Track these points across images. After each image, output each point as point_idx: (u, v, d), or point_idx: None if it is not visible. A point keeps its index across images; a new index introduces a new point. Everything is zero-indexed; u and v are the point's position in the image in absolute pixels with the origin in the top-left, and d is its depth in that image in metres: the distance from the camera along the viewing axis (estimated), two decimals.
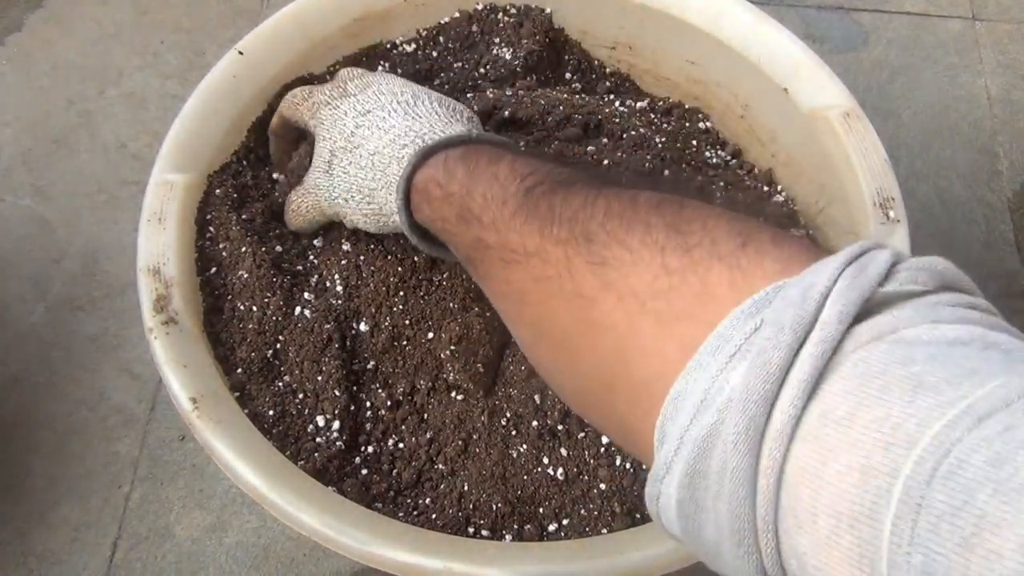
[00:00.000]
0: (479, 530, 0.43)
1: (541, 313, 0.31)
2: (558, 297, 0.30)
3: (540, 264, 0.30)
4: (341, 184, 0.43)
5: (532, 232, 0.31)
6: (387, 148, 0.41)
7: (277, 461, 0.41)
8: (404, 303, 0.46)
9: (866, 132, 0.50)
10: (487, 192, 0.34)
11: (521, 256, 0.32)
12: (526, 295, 0.32)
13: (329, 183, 0.44)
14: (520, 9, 0.60)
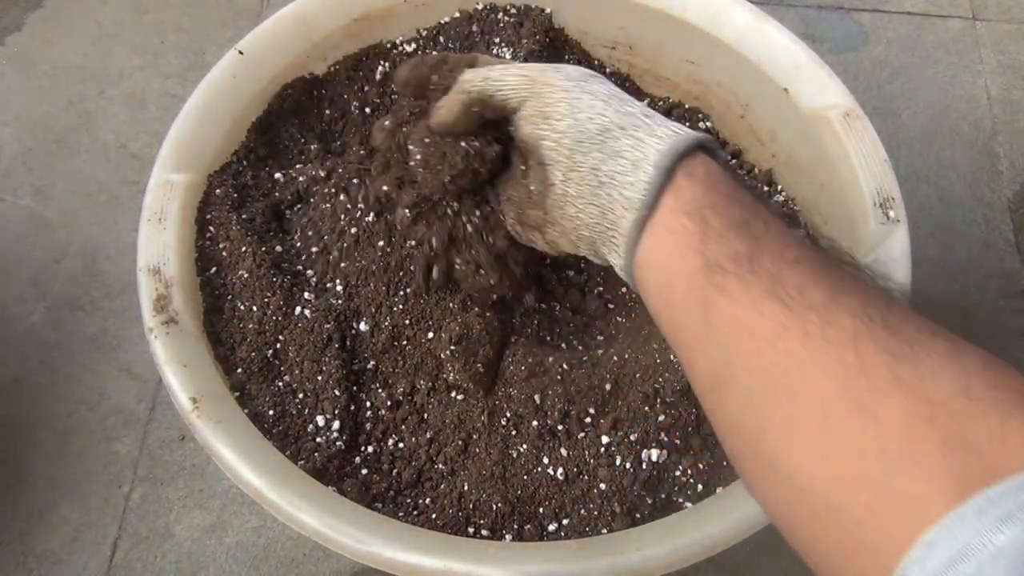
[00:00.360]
0: (479, 530, 0.43)
1: (797, 387, 0.28)
2: (831, 372, 0.27)
3: (819, 327, 0.28)
4: (574, 192, 0.37)
5: (820, 290, 0.29)
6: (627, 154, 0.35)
7: (277, 461, 0.41)
8: (404, 303, 0.46)
9: (866, 132, 0.50)
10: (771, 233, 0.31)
11: (790, 317, 0.29)
12: (780, 366, 0.28)
13: (565, 190, 0.37)
14: (520, 9, 0.60)
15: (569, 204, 0.38)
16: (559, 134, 0.37)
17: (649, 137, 0.35)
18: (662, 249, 0.34)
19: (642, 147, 0.35)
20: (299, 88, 0.56)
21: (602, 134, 0.36)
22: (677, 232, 0.33)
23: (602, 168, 0.36)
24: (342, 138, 0.58)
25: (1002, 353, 0.26)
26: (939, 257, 0.69)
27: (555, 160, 0.38)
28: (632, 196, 0.35)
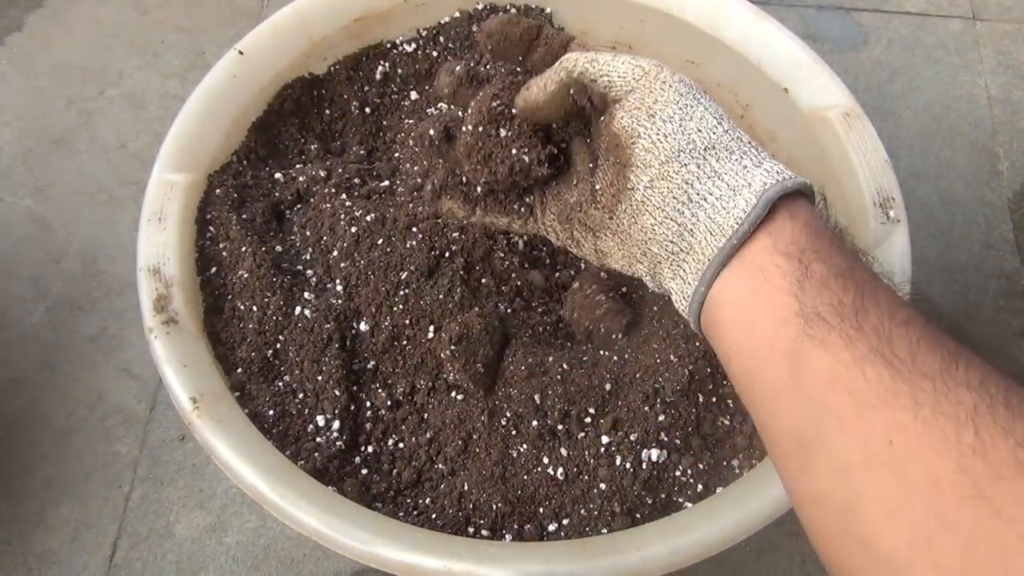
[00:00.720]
0: (479, 530, 0.43)
1: (904, 462, 0.25)
2: (945, 450, 0.24)
3: (933, 398, 0.25)
4: (657, 203, 0.34)
5: (934, 358, 0.26)
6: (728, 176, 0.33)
7: (277, 461, 0.41)
8: (404, 303, 0.46)
9: (866, 132, 0.50)
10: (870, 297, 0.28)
11: (901, 387, 0.25)
12: (885, 435, 0.25)
13: (649, 198, 0.34)
14: (520, 9, 0.60)
15: (647, 214, 0.34)
16: (661, 136, 0.34)
17: (755, 167, 0.33)
18: (748, 288, 0.31)
19: (746, 174, 0.32)
20: (299, 88, 0.56)
21: (707, 150, 0.33)
22: (770, 272, 0.30)
23: (696, 185, 0.33)
24: (342, 138, 0.58)
25: (1002, 353, 0.26)
26: (939, 257, 0.69)
27: (645, 163, 0.34)
28: (723, 223, 0.32)
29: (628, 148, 0.35)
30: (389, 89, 0.59)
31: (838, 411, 0.26)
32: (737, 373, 0.32)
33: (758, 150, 0.34)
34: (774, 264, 0.30)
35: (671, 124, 0.34)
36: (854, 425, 0.26)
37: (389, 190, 0.52)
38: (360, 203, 0.49)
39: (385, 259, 0.46)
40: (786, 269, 0.30)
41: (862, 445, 0.25)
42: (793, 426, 0.28)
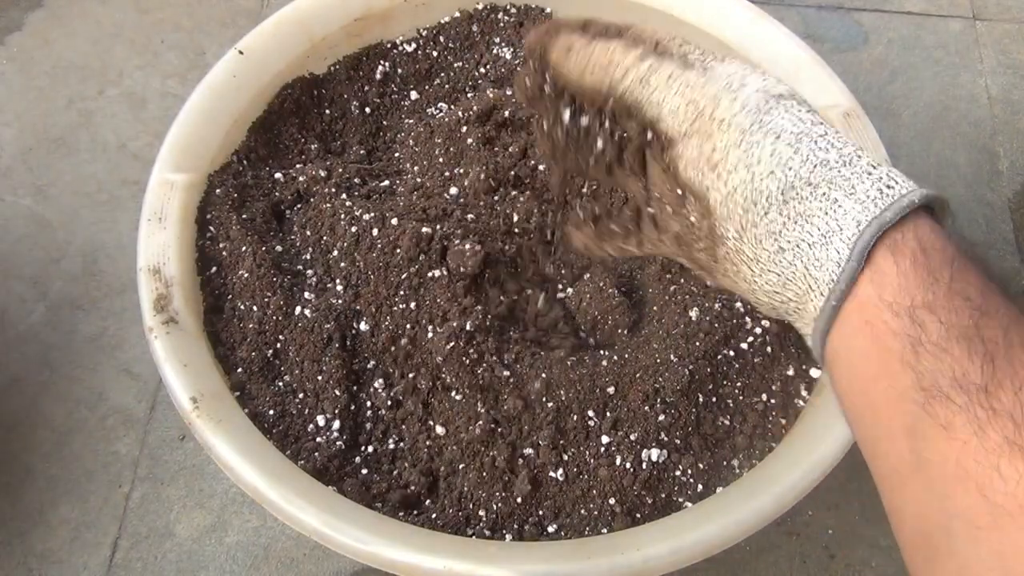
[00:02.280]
0: (479, 530, 0.43)
1: None
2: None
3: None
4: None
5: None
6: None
7: (277, 461, 0.41)
8: (404, 303, 0.46)
9: (866, 131, 0.50)
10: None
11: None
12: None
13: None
14: (520, 9, 0.60)
15: (744, 265, 0.31)
16: (729, 189, 0.30)
17: (847, 199, 0.28)
18: (857, 348, 0.27)
19: (837, 213, 0.28)
20: (299, 88, 0.56)
21: (785, 193, 0.29)
22: (879, 330, 0.26)
23: (784, 234, 0.29)
24: (342, 138, 0.58)
25: None
26: None
27: (725, 216, 0.30)
28: (820, 278, 0.28)
29: (704, 200, 0.31)
30: (389, 89, 0.59)
31: (968, 515, 0.22)
32: (860, 439, 0.28)
33: (851, 168, 0.29)
34: (882, 320, 0.26)
35: (737, 175, 0.29)
36: (989, 536, 0.22)
37: (389, 190, 0.52)
38: (360, 203, 0.49)
39: (385, 259, 0.46)
40: (896, 328, 0.25)
41: (999, 562, 0.21)
42: (918, 515, 0.24)
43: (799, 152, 0.29)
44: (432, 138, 0.53)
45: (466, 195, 0.50)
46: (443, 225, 0.48)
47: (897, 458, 0.25)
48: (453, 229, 0.48)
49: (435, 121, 0.54)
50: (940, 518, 0.23)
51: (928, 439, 0.24)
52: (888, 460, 0.26)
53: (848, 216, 0.27)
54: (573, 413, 0.44)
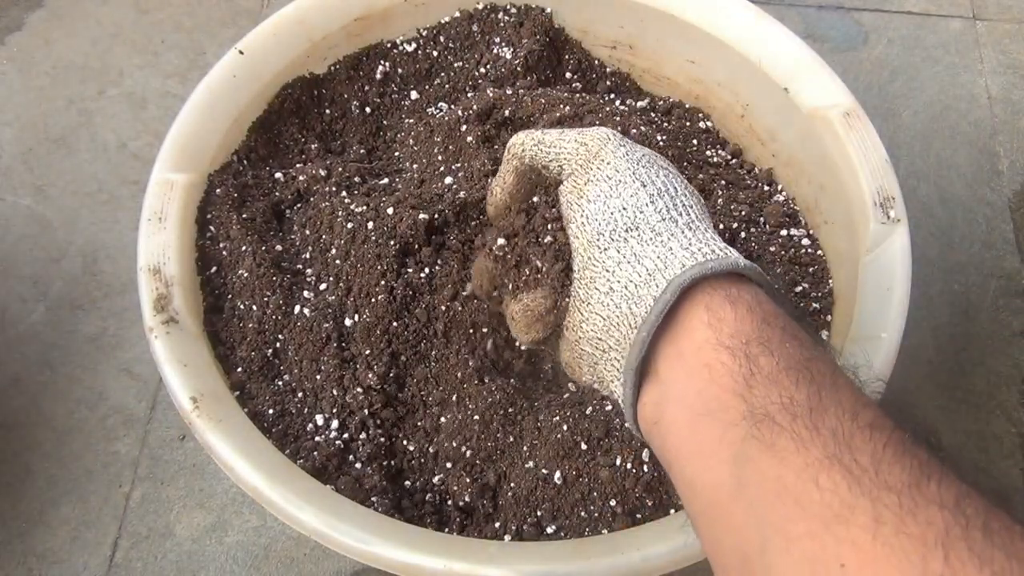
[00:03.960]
0: (475, 528, 0.43)
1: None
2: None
3: (898, 515, 0.21)
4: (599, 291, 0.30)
5: (901, 468, 0.22)
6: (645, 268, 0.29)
7: (277, 460, 0.41)
8: (387, 292, 0.45)
9: (866, 131, 0.50)
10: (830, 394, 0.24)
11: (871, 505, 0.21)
12: (836, 558, 0.21)
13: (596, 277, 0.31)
14: (520, 8, 0.60)
15: (576, 310, 0.31)
16: (584, 219, 0.31)
17: (681, 250, 0.29)
18: (693, 388, 0.27)
19: (667, 258, 0.29)
20: (299, 88, 0.56)
21: (629, 231, 0.30)
22: (715, 370, 0.26)
23: (616, 272, 0.30)
24: (342, 138, 0.58)
25: (1002, 353, 0.25)
26: (939, 257, 0.69)
27: (575, 249, 0.31)
28: (638, 313, 0.28)
29: (567, 230, 0.32)
30: (389, 89, 0.59)
31: (784, 526, 0.22)
32: (679, 480, 0.28)
33: (696, 232, 0.30)
34: (718, 360, 0.26)
35: (594, 204, 0.31)
36: (801, 543, 0.22)
37: (389, 188, 0.52)
38: (360, 200, 0.49)
39: (375, 251, 0.46)
40: (731, 366, 0.26)
41: (809, 568, 0.22)
42: (736, 541, 0.24)
43: (655, 203, 0.30)
44: (432, 137, 0.53)
45: (459, 181, 0.49)
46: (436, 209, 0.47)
47: (718, 488, 0.25)
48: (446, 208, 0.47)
49: (435, 120, 0.54)
50: (758, 536, 0.23)
51: (751, 460, 0.24)
52: (708, 490, 0.26)
53: (676, 260, 0.29)
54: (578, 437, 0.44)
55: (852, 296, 0.46)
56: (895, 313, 0.43)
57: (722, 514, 0.25)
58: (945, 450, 0.61)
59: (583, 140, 0.33)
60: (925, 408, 0.62)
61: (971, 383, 0.63)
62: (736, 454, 0.25)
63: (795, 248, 0.52)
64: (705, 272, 0.28)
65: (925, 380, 0.63)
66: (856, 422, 0.24)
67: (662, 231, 0.30)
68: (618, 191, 0.31)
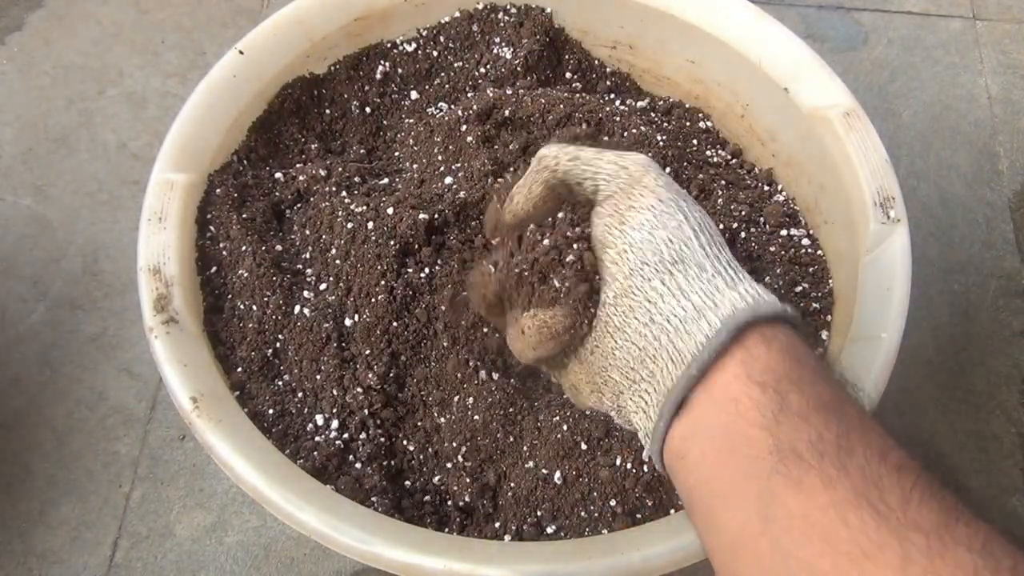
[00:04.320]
0: (474, 527, 0.43)
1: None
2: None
3: (927, 556, 0.21)
4: (631, 321, 0.30)
5: (930, 509, 0.23)
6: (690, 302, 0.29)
7: (277, 460, 0.41)
8: (387, 292, 0.45)
9: (866, 131, 0.50)
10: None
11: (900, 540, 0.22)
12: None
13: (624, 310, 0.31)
14: (520, 9, 0.60)
15: (608, 336, 0.31)
16: (627, 246, 0.30)
17: (728, 288, 0.29)
18: (719, 422, 0.27)
19: (716, 296, 0.29)
20: (299, 88, 0.56)
21: (675, 264, 0.30)
22: (743, 404, 0.26)
23: (659, 304, 0.29)
24: (342, 138, 0.58)
25: (1002, 353, 0.25)
26: (939, 257, 0.69)
27: (612, 276, 0.31)
28: (684, 348, 0.28)
29: (600, 260, 0.32)
30: (389, 89, 0.59)
31: (811, 561, 0.23)
32: (700, 516, 0.28)
33: (737, 271, 0.30)
34: (748, 395, 0.26)
35: (639, 233, 0.30)
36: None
37: (389, 188, 0.52)
38: (360, 200, 0.49)
39: (375, 251, 0.46)
40: (760, 401, 0.26)
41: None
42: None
43: (699, 238, 0.31)
44: (432, 137, 0.53)
45: (459, 181, 0.49)
46: (436, 209, 0.47)
47: (742, 525, 0.25)
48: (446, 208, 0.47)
49: (435, 120, 0.54)
50: (782, 572, 0.23)
51: (777, 497, 0.24)
52: (733, 527, 0.26)
53: (726, 300, 0.29)
54: (574, 416, 0.44)
55: (852, 296, 0.46)
56: (895, 313, 0.43)
57: (746, 550, 0.25)
58: (946, 455, 0.61)
59: (623, 164, 0.33)
60: (925, 408, 0.62)
61: (971, 383, 0.63)
62: (762, 490, 0.25)
63: (795, 248, 0.52)
64: (756, 315, 0.28)
65: (925, 380, 0.63)
66: (884, 463, 0.24)
67: (707, 267, 0.30)
68: (663, 221, 0.31)
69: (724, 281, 0.30)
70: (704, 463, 0.27)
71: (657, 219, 0.31)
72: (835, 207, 0.51)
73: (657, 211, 0.31)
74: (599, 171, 0.33)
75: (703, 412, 0.28)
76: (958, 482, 0.59)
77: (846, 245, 0.50)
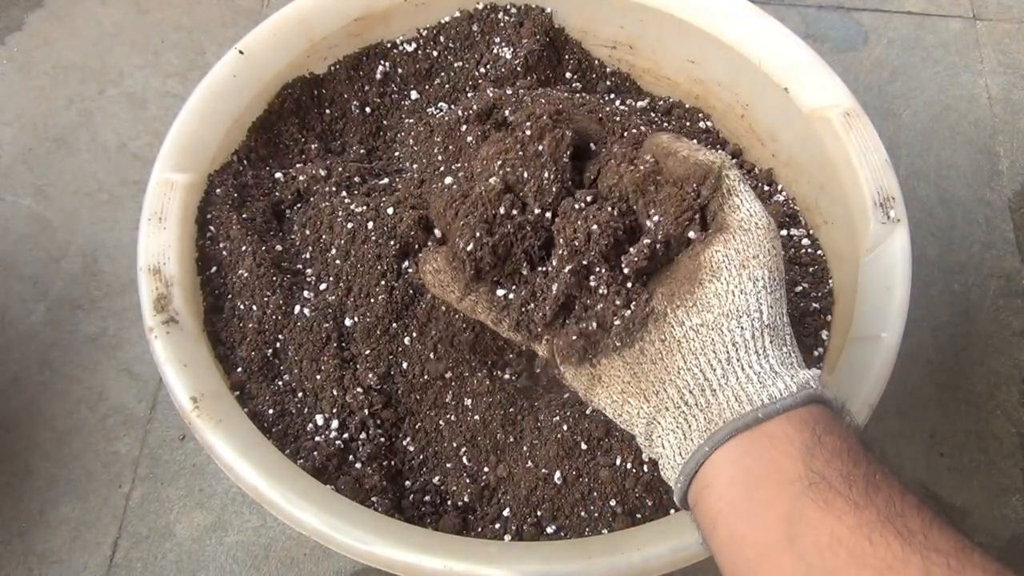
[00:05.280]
0: (481, 532, 0.43)
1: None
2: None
3: (947, 573, 0.23)
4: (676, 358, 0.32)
5: (948, 537, 0.25)
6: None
7: (277, 460, 0.41)
8: (387, 293, 0.45)
9: (867, 132, 0.50)
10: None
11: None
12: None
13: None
14: (520, 8, 0.60)
15: (679, 355, 0.32)
16: (738, 291, 0.32)
17: (800, 368, 0.32)
18: (753, 452, 0.28)
19: (791, 368, 0.31)
20: (299, 88, 0.56)
21: (767, 328, 0.32)
22: (778, 439, 0.28)
23: (741, 352, 0.31)
24: (342, 138, 0.58)
25: (1002, 353, 0.25)
26: (939, 257, 0.69)
27: (706, 306, 0.32)
28: (753, 394, 0.30)
29: (699, 282, 0.33)
30: (389, 89, 0.59)
31: (836, 574, 0.24)
32: (723, 539, 0.29)
33: (799, 359, 0.33)
34: (784, 432, 0.28)
35: (753, 284, 0.32)
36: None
37: (389, 188, 0.52)
38: (360, 200, 0.49)
39: (375, 251, 0.46)
40: (795, 436, 0.28)
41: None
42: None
43: (785, 316, 0.33)
44: (432, 137, 0.53)
45: (459, 181, 0.49)
46: None
47: (768, 543, 0.26)
48: None
49: (435, 120, 0.54)
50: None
51: (805, 516, 0.26)
52: (757, 548, 0.27)
53: (800, 375, 0.31)
54: (573, 416, 0.44)
55: (852, 296, 0.46)
56: (895, 313, 0.43)
57: (770, 566, 0.26)
58: (946, 455, 0.61)
59: (767, 212, 0.35)
60: (925, 408, 0.62)
61: (971, 383, 0.63)
62: (789, 511, 0.26)
63: (795, 248, 0.52)
64: (817, 397, 0.30)
65: (925, 380, 0.63)
66: (906, 499, 0.26)
67: (787, 342, 0.32)
68: (772, 287, 0.33)
69: (797, 360, 0.32)
70: (732, 489, 0.28)
71: (770, 283, 0.32)
72: (835, 207, 0.51)
73: (773, 275, 0.33)
74: (747, 202, 0.34)
75: (736, 444, 0.29)
76: (958, 482, 0.59)
77: (846, 245, 0.50)
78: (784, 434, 0.28)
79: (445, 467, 0.45)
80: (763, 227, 0.34)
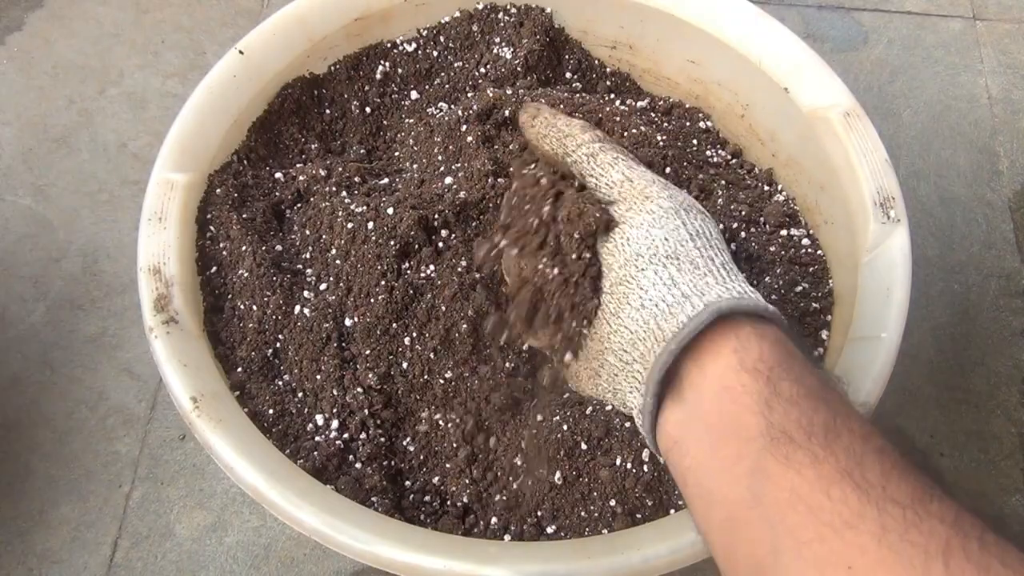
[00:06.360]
0: (482, 532, 0.43)
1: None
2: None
3: (903, 525, 0.23)
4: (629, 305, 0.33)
5: (907, 486, 0.24)
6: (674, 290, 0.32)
7: (277, 460, 0.41)
8: (387, 292, 0.45)
9: (867, 131, 0.50)
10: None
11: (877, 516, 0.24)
12: (844, 560, 0.23)
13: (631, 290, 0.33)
14: (520, 9, 0.60)
15: (604, 322, 0.33)
16: (623, 240, 0.33)
17: (716, 284, 0.31)
18: (714, 408, 0.29)
19: (703, 287, 0.31)
20: (299, 88, 0.56)
21: (668, 258, 0.32)
22: (734, 391, 0.28)
23: (650, 291, 0.32)
24: (342, 138, 0.58)
25: (1002, 353, 0.25)
26: (939, 257, 0.69)
27: (608, 266, 0.34)
28: (667, 328, 0.30)
29: (600, 254, 0.35)
30: (389, 89, 0.59)
31: (796, 531, 0.24)
32: (694, 494, 0.29)
33: (730, 273, 0.32)
34: (740, 383, 0.28)
35: (637, 231, 0.33)
36: (811, 547, 0.24)
37: (389, 188, 0.52)
38: (360, 200, 0.49)
39: (375, 251, 0.46)
40: (752, 388, 0.28)
41: (819, 570, 0.23)
42: (751, 549, 0.26)
43: (694, 241, 0.33)
44: (432, 137, 0.53)
45: (459, 181, 0.49)
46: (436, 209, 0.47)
47: (736, 498, 0.27)
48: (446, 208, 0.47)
49: (435, 120, 0.54)
50: (770, 542, 0.25)
51: (768, 474, 0.26)
52: (726, 503, 0.27)
53: (712, 290, 0.31)
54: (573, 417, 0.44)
55: (852, 296, 0.46)
56: (895, 313, 0.43)
57: (738, 525, 0.27)
58: (946, 455, 0.61)
59: (628, 174, 0.35)
60: (925, 408, 0.62)
61: (971, 383, 0.63)
62: (753, 468, 0.26)
63: (795, 248, 0.52)
64: (740, 307, 0.30)
65: (925, 380, 0.63)
66: (867, 445, 0.26)
67: (700, 265, 0.32)
68: (661, 223, 0.33)
69: (715, 278, 0.32)
70: (699, 446, 0.29)
71: (655, 221, 0.33)
72: (835, 207, 0.51)
73: (656, 215, 0.33)
74: (604, 175, 0.36)
75: (697, 399, 0.29)
76: (958, 482, 0.59)
77: (846, 245, 0.50)
78: (741, 385, 0.28)
79: (445, 467, 0.45)
80: (630, 187, 0.35)
